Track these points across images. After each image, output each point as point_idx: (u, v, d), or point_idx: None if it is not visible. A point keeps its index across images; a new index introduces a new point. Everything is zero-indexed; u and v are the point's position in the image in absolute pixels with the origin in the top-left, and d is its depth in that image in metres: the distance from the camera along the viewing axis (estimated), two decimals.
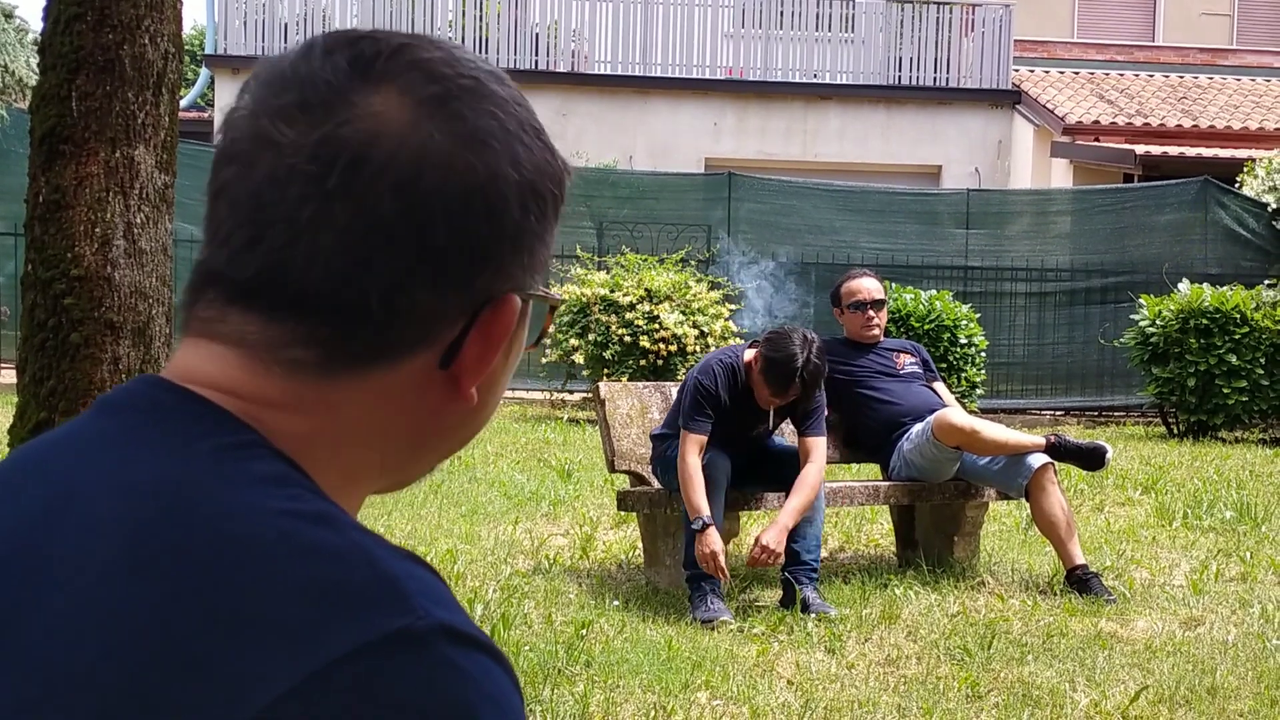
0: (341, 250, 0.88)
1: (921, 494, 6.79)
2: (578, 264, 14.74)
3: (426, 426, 0.96)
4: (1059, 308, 16.22)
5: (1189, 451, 12.03)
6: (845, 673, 5.06)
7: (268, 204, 0.89)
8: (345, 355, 0.90)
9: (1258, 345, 13.24)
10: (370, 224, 0.88)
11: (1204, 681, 5.00)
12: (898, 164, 20.95)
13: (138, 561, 0.81)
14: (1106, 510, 8.79)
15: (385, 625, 0.78)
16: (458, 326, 0.92)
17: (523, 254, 0.95)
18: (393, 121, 0.89)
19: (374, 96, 0.89)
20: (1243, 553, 7.40)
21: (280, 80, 0.92)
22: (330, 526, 0.83)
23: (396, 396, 0.92)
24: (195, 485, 0.84)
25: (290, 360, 0.90)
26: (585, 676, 4.85)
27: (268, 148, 0.89)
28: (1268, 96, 21.99)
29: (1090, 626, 5.82)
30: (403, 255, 0.89)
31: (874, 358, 7.07)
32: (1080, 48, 23.19)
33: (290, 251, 0.88)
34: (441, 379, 0.93)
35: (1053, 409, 16.07)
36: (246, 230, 0.90)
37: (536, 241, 0.96)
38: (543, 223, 0.96)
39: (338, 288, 0.89)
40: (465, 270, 0.91)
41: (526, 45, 20.87)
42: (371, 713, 0.76)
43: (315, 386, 0.90)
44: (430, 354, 0.92)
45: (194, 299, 0.94)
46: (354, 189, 0.88)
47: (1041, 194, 17.96)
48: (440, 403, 0.95)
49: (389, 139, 0.88)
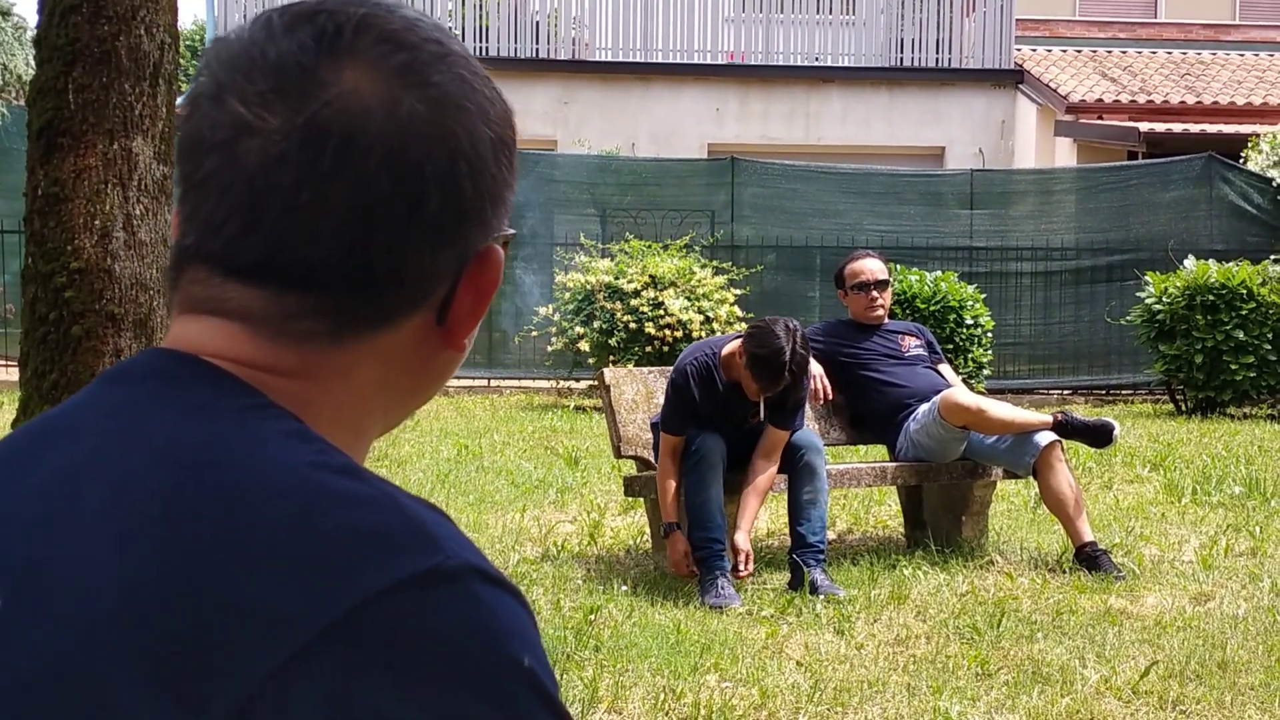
0: (343, 227, 0.91)
1: (929, 474, 6.78)
2: (582, 251, 14.73)
3: (420, 377, 1.01)
4: (1065, 287, 16.18)
5: (1197, 428, 12.02)
6: (854, 653, 5.06)
7: (263, 191, 0.91)
8: (353, 323, 0.94)
9: (1264, 321, 13.21)
10: (367, 200, 0.91)
11: (1214, 656, 4.99)
12: (901, 146, 20.91)
13: (173, 512, 0.83)
14: (1115, 487, 8.77)
15: (419, 564, 0.82)
16: (449, 283, 0.97)
17: (500, 204, 0.99)
18: (371, 97, 0.91)
19: (346, 72, 0.92)
20: (1252, 528, 7.39)
21: (247, 63, 0.93)
22: (358, 477, 0.87)
23: (399, 354, 0.97)
24: (222, 441, 0.87)
25: (300, 331, 0.93)
26: (594, 661, 4.85)
27: (252, 135, 0.91)
28: (1271, 71, 21.91)
29: (1100, 603, 5.81)
30: (401, 226, 0.92)
31: (878, 340, 7.06)
32: (1082, 26, 23.12)
33: (291, 233, 0.91)
34: (437, 332, 0.98)
35: (1060, 388, 16.05)
36: (241, 217, 0.92)
37: (507, 189, 1.00)
38: (510, 168, 1.00)
39: (342, 262, 0.92)
40: (456, 231, 0.95)
41: (527, 34, 20.83)
42: (409, 644, 0.80)
43: (324, 353, 0.94)
44: (428, 311, 0.97)
45: (178, 278, 0.96)
46: (347, 169, 0.90)
47: (1045, 173, 17.92)
48: (435, 354, 1.00)
49: (373, 116, 0.91)
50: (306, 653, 0.78)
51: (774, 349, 5.78)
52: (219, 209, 0.92)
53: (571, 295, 13.78)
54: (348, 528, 0.83)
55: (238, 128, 0.91)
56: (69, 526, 0.85)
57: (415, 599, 0.81)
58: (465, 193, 0.95)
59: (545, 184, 16.01)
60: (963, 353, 13.26)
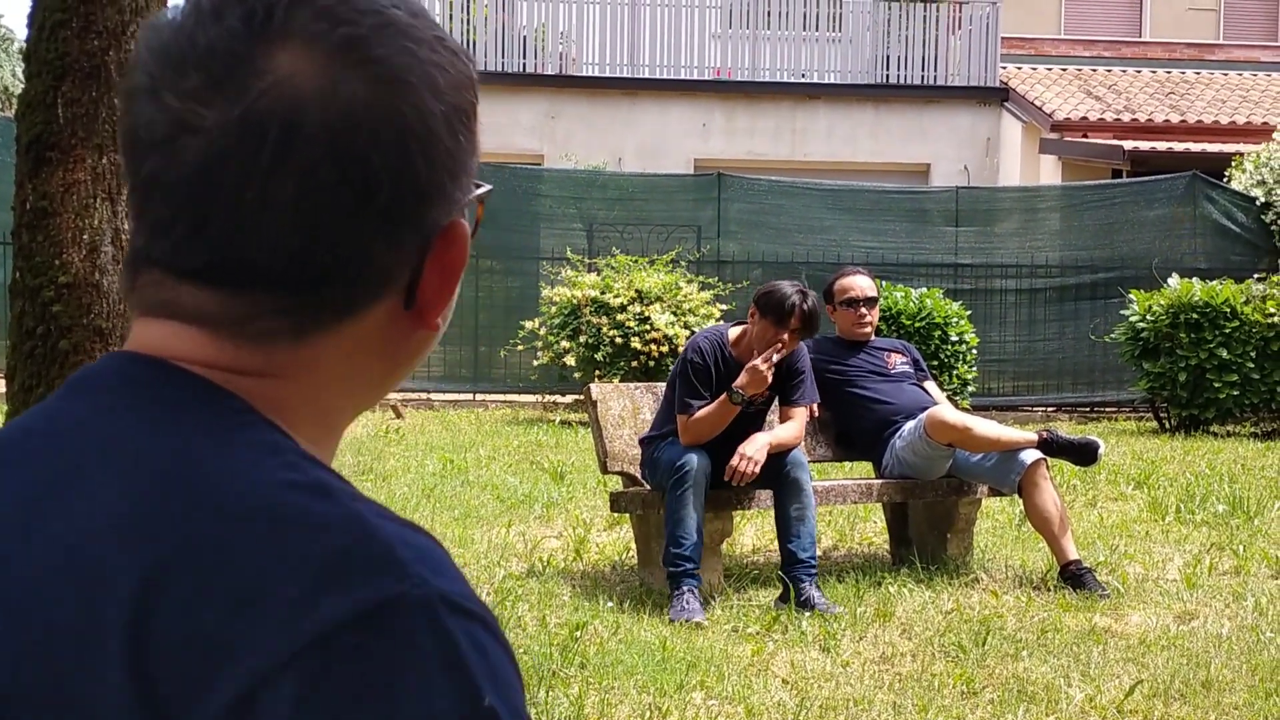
0: (291, 224, 0.87)
1: (914, 491, 6.79)
2: (568, 266, 14.73)
3: (394, 360, 0.97)
4: (1049, 304, 16.22)
5: (1181, 446, 12.04)
6: (840, 671, 5.06)
7: (205, 191, 0.87)
8: (314, 319, 0.90)
9: (1248, 339, 13.25)
10: (314, 193, 0.87)
11: (1198, 675, 5.00)
12: (886, 162, 20.96)
13: (135, 535, 0.81)
14: (1099, 505, 8.79)
15: (381, 593, 0.79)
16: (413, 264, 0.93)
17: (460, 176, 0.94)
18: (309, 81, 0.86)
19: (280, 55, 0.87)
20: (1235, 546, 7.41)
21: (178, 54, 0.88)
22: (327, 497, 0.84)
23: (367, 342, 0.93)
24: (189, 457, 0.84)
25: (259, 331, 0.89)
26: (580, 678, 4.85)
27: (190, 133, 0.87)
28: (1255, 91, 22.02)
29: (1084, 622, 5.82)
30: (353, 217, 0.88)
31: (865, 357, 7.07)
32: (1068, 44, 23.21)
33: (239, 233, 0.87)
34: (406, 315, 0.94)
35: (1044, 405, 16.08)
36: (187, 218, 0.88)
37: (468, 158, 0.95)
38: (469, 136, 0.95)
39: (294, 259, 0.88)
40: (413, 212, 0.91)
41: (514, 48, 20.86)
42: (366, 681, 0.77)
43: (287, 351, 0.90)
44: (393, 296, 0.93)
45: (133, 279, 0.92)
46: (290, 163, 0.86)
47: (1030, 191, 17.98)
48: (407, 337, 0.95)
49: (311, 103, 0.86)
50: (262, 687, 0.76)
51: (783, 291, 6.10)
52: (164, 210, 0.89)
53: (558, 310, 13.78)
54: (307, 556, 0.80)
55: (175, 125, 0.87)
56: (28, 543, 0.83)
57: (374, 633, 0.78)
58: (419, 173, 0.90)
59: (531, 198, 16.01)
60: (948, 370, 13.28)
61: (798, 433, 6.30)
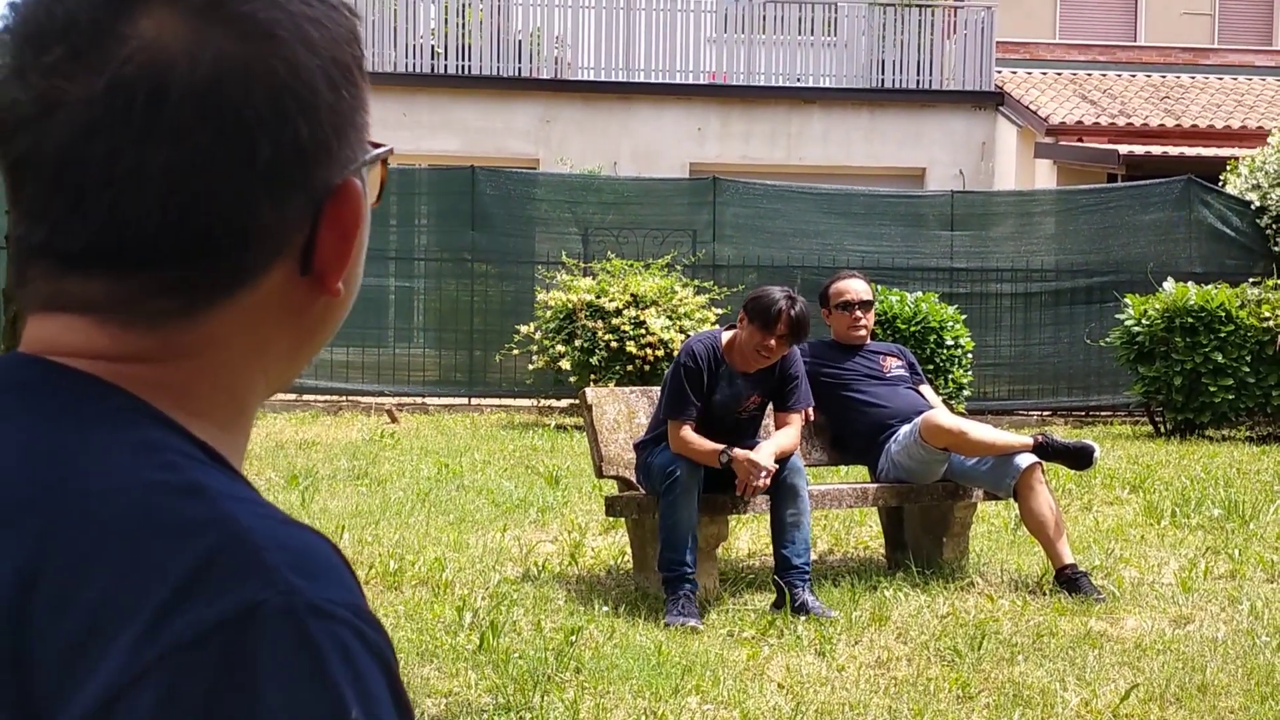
0: (169, 193, 0.84)
1: (910, 495, 6.78)
2: (563, 270, 14.72)
3: (301, 330, 0.93)
4: (1045, 308, 16.22)
5: (1176, 450, 12.05)
6: (836, 675, 5.05)
7: (77, 168, 0.84)
8: (204, 294, 0.87)
9: (1243, 343, 13.26)
10: (189, 159, 0.83)
11: (1194, 679, 5.00)
12: (882, 167, 20.96)
13: (8, 539, 0.79)
14: (1095, 509, 8.79)
15: (244, 600, 0.76)
16: (306, 228, 0.89)
17: (348, 133, 0.91)
18: (174, 44, 0.83)
19: (142, 21, 0.83)
20: (1231, 550, 7.41)
21: (37, 28, 0.85)
22: (199, 498, 0.80)
23: (267, 313, 0.90)
24: (62, 461, 0.82)
25: (150, 313, 0.86)
26: (575, 683, 4.84)
27: (55, 109, 0.83)
28: (1250, 95, 22.04)
29: (1080, 626, 5.82)
30: (232, 180, 0.85)
31: (860, 361, 7.07)
32: (1062, 48, 23.23)
33: (117, 209, 0.84)
34: (305, 281, 0.90)
35: (1040, 409, 16.08)
36: (62, 199, 0.85)
37: (355, 114, 0.92)
38: (354, 91, 0.91)
39: (178, 231, 0.84)
40: (298, 172, 0.87)
41: (509, 53, 20.85)
42: (226, 690, 0.74)
43: (182, 330, 0.87)
44: (287, 262, 0.89)
45: (21, 275, 0.89)
46: (160, 129, 0.83)
47: (1025, 195, 17.98)
48: (308, 304, 0.92)
49: (178, 65, 0.83)
50: (122, 694, 0.74)
51: (771, 297, 6.05)
52: (39, 194, 0.86)
53: (553, 314, 13.77)
54: (175, 562, 0.77)
55: (40, 103, 0.84)
56: None
57: (234, 640, 0.75)
58: (299, 131, 0.86)
59: (527, 202, 16.02)
60: (943, 374, 13.28)
61: (795, 438, 6.30)
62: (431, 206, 16.12)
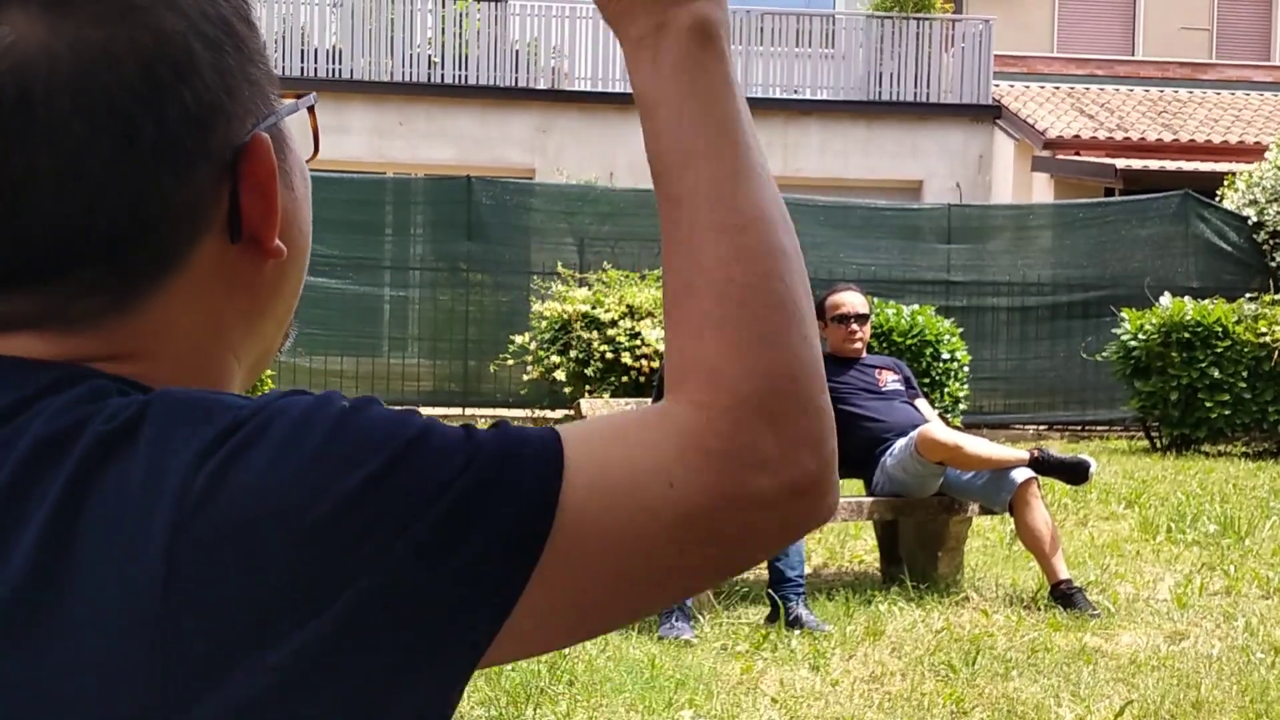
0: (65, 190, 0.80)
1: (905, 509, 6.77)
2: (559, 280, 14.71)
3: (254, 298, 0.90)
4: (1041, 322, 16.22)
5: (1172, 465, 12.03)
6: (830, 690, 5.03)
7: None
8: (133, 283, 0.84)
9: (1239, 359, 13.25)
10: (72, 156, 0.80)
11: (1189, 696, 4.98)
12: (879, 179, 20.97)
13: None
14: (1090, 524, 8.77)
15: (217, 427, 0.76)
16: (224, 194, 0.86)
17: (241, 89, 0.87)
18: (32, 42, 0.79)
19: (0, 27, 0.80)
20: (1226, 566, 7.39)
21: None
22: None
23: (209, 292, 0.87)
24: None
25: (83, 315, 0.83)
26: (568, 696, 4.81)
27: None
28: (1247, 110, 22.06)
29: (1075, 641, 5.80)
30: (126, 164, 0.81)
31: (856, 374, 7.05)
32: (1060, 62, 23.25)
33: (14, 223, 0.81)
34: (241, 249, 0.87)
35: (1036, 423, 16.07)
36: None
37: (247, 66, 0.88)
38: (238, 43, 0.87)
39: (83, 231, 0.81)
40: (195, 142, 0.84)
41: (506, 63, 20.85)
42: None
43: (123, 326, 0.84)
44: (214, 235, 0.86)
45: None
46: (35, 129, 0.79)
47: (1022, 208, 17.98)
48: (255, 272, 0.89)
49: (39, 62, 0.79)
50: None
51: None
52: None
53: (548, 324, 13.75)
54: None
55: None
56: None
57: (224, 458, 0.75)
58: (182, 97, 0.82)
59: (523, 213, 16.00)
60: (939, 387, 13.26)
61: None
62: (427, 216, 16.10)
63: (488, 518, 0.76)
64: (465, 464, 0.77)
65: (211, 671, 0.72)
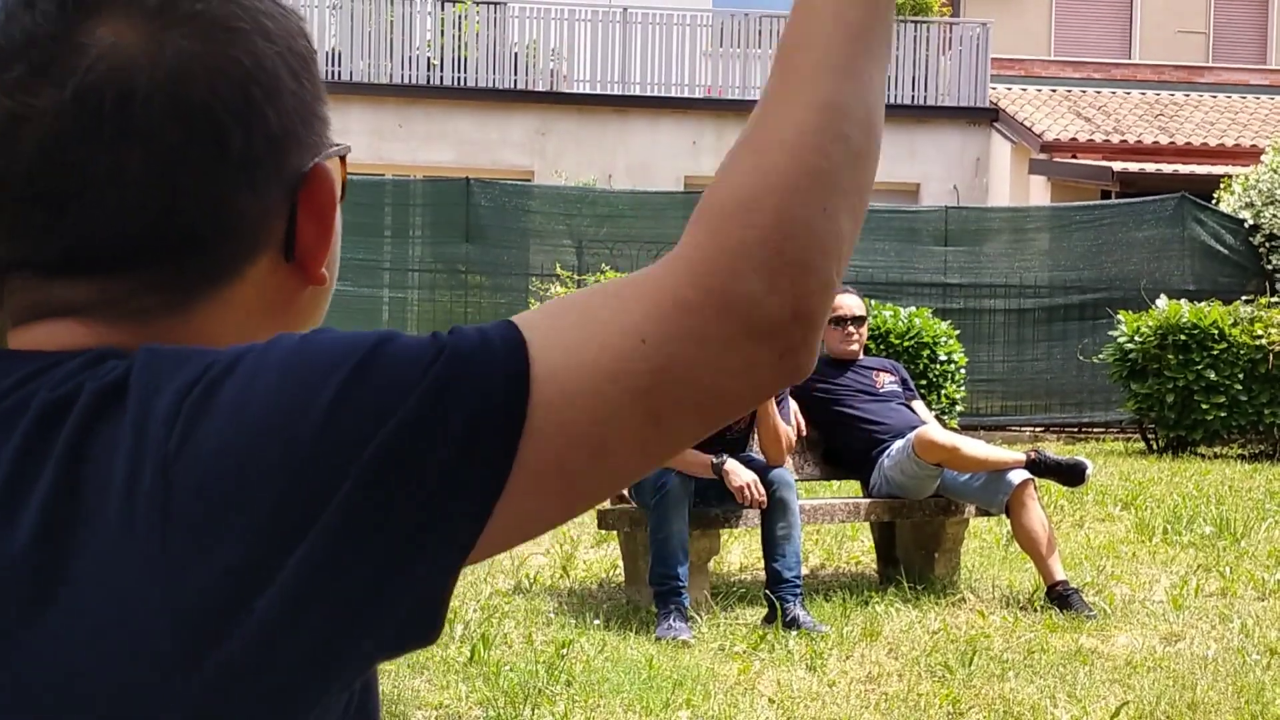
0: (147, 192, 0.85)
1: (902, 511, 6.79)
2: (558, 282, 14.73)
3: (288, 321, 0.94)
4: (1038, 324, 16.24)
5: (1168, 467, 12.05)
6: (827, 690, 5.05)
7: (51, 179, 0.84)
8: (192, 288, 0.88)
9: (1235, 361, 13.27)
10: (163, 157, 0.84)
11: (1184, 697, 5.00)
12: (876, 181, 20.68)
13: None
14: (1087, 526, 8.79)
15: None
16: (285, 216, 0.91)
17: (312, 121, 0.93)
18: (134, 46, 0.84)
19: (100, 29, 0.84)
20: (1222, 568, 7.41)
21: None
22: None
23: (253, 303, 0.91)
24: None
25: (135, 310, 0.87)
26: (566, 696, 4.83)
27: (24, 124, 0.84)
28: (1244, 113, 22.09)
29: (1071, 642, 5.82)
30: (208, 173, 0.86)
31: (853, 376, 7.07)
32: (1057, 65, 23.28)
33: (97, 212, 0.84)
34: (289, 269, 0.92)
35: (1032, 425, 16.08)
36: (40, 210, 0.85)
37: (316, 103, 0.94)
38: (313, 82, 0.94)
39: (160, 229, 0.86)
40: (271, 160, 0.89)
41: (505, 65, 20.87)
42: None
43: (170, 327, 0.88)
44: (271, 251, 0.91)
45: (1, 292, 0.89)
46: (132, 130, 0.84)
47: (1019, 211, 17.99)
48: (295, 294, 0.94)
49: (141, 66, 0.84)
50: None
51: None
52: (15, 210, 0.85)
53: None
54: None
55: (7, 120, 0.84)
56: None
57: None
58: (268, 118, 0.88)
59: (521, 215, 16.02)
60: (936, 389, 13.27)
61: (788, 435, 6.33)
62: (426, 218, 16.11)
63: (465, 404, 0.78)
64: (434, 358, 0.79)
65: (220, 611, 0.74)
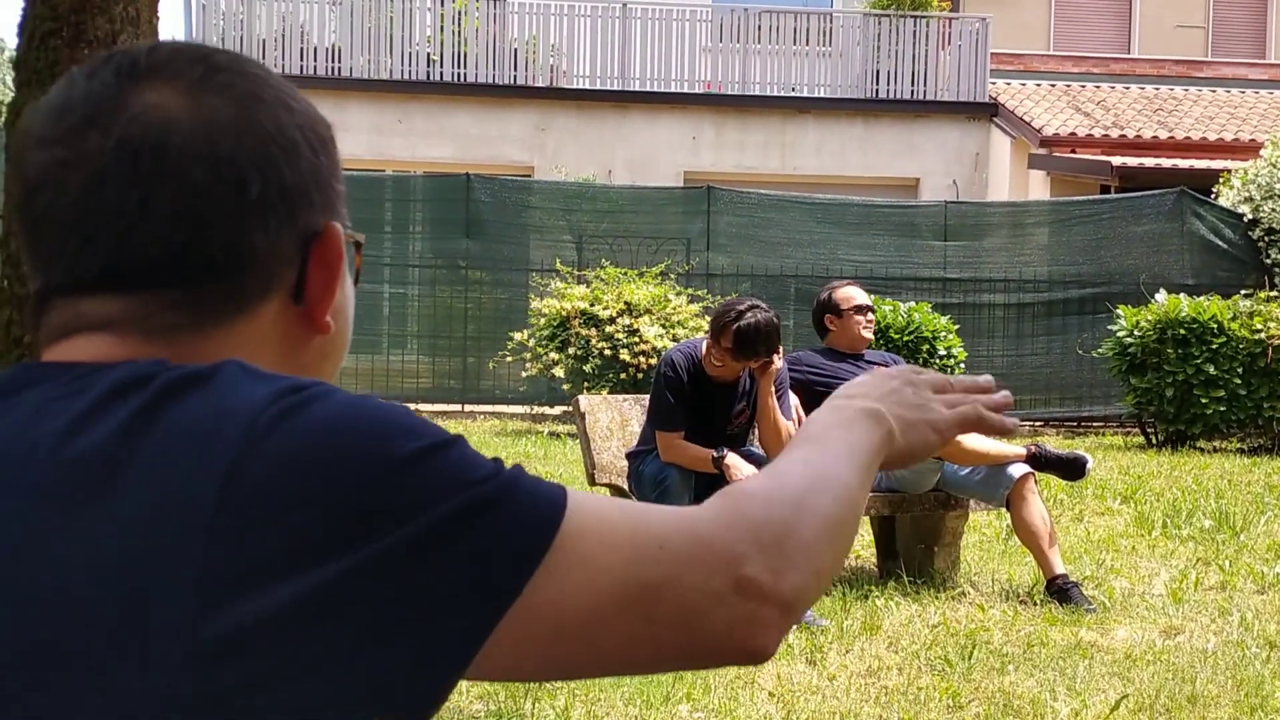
0: (173, 223, 0.97)
1: (902, 505, 6.79)
2: (557, 277, 14.73)
3: (297, 365, 1.05)
4: (1037, 319, 16.24)
5: (1167, 461, 12.06)
6: (827, 684, 5.06)
7: (92, 208, 0.97)
8: (211, 312, 1.00)
9: (1235, 355, 13.28)
10: (190, 194, 0.98)
11: (1184, 690, 5.01)
12: (876, 176, 20.99)
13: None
14: (1086, 520, 8.80)
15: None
16: (296, 265, 1.04)
17: (326, 189, 1.06)
18: (174, 106, 0.99)
19: (148, 93, 0.99)
20: (1221, 561, 7.42)
21: (59, 109, 1.00)
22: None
23: (262, 342, 1.03)
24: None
25: (163, 326, 0.99)
26: (566, 691, 4.84)
27: (72, 167, 0.98)
28: (1242, 108, 22.09)
29: (1070, 636, 5.82)
30: (228, 211, 0.99)
31: (854, 370, 7.06)
32: (1057, 60, 23.28)
33: (129, 237, 0.97)
34: (297, 315, 1.05)
35: (1032, 419, 16.10)
36: (77, 237, 0.98)
37: (331, 178, 1.07)
38: (330, 159, 1.08)
39: (182, 254, 0.98)
40: (286, 210, 1.02)
41: (505, 61, 20.86)
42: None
43: (192, 345, 0.99)
44: (281, 296, 1.03)
45: (38, 318, 1.02)
46: (164, 171, 0.97)
47: (1019, 206, 18.00)
48: (302, 339, 1.06)
49: (179, 120, 0.98)
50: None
51: (729, 306, 6.15)
52: (56, 239, 0.99)
53: (547, 321, 13.78)
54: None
55: (59, 165, 0.98)
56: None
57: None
58: (284, 173, 1.02)
59: (521, 210, 16.02)
60: None
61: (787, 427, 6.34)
62: (426, 213, 16.12)
63: (499, 522, 0.90)
64: (492, 473, 0.93)
65: (244, 581, 0.85)
